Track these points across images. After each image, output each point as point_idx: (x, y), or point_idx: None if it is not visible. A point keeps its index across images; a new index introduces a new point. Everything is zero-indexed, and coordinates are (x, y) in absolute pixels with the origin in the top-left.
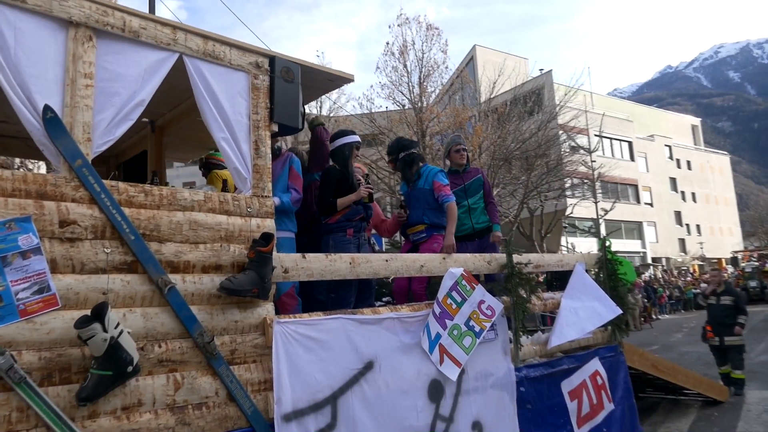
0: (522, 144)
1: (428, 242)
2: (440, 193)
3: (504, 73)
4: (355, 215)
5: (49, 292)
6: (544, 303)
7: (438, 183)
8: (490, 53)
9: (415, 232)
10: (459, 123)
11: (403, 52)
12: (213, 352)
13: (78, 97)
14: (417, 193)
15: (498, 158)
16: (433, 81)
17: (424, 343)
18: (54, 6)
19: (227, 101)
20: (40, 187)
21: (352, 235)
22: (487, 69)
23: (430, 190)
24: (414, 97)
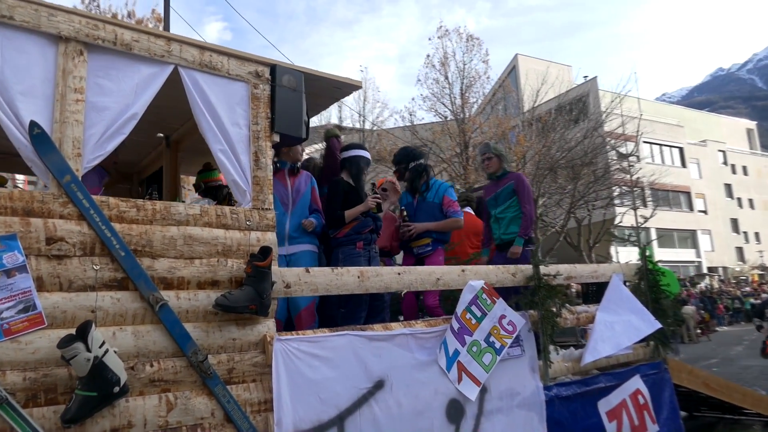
0: (567, 153)
1: (434, 256)
2: (450, 209)
3: (547, 82)
4: (364, 227)
5: (34, 310)
6: (576, 317)
7: (448, 198)
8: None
9: (420, 245)
10: (502, 133)
11: (444, 63)
12: (207, 371)
13: (68, 113)
14: (425, 205)
15: (543, 167)
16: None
17: (441, 361)
18: (42, 21)
19: (225, 112)
20: (27, 204)
21: (362, 248)
22: (530, 78)
23: (439, 204)
24: (456, 109)
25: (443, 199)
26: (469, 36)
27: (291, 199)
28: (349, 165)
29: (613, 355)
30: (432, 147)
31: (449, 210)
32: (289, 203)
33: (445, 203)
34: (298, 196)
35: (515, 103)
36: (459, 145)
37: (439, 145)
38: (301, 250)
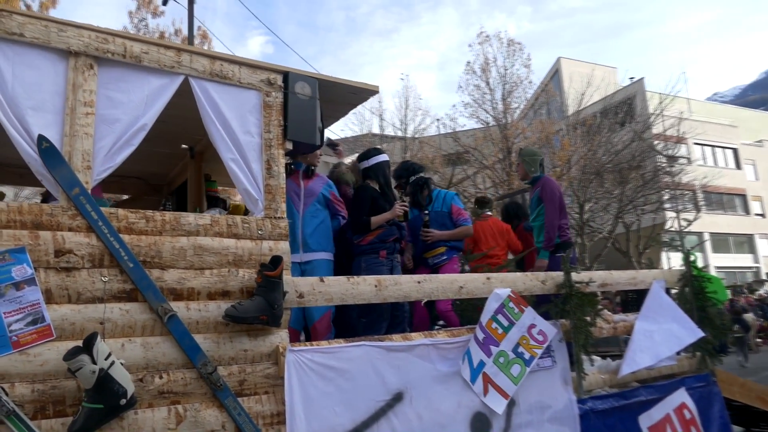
0: (614, 156)
1: (449, 264)
2: (460, 217)
3: (592, 84)
4: (389, 236)
5: (43, 323)
6: (614, 326)
7: (457, 207)
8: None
9: (434, 255)
10: (546, 137)
11: (485, 69)
12: (217, 382)
13: (77, 126)
14: (433, 215)
15: (589, 172)
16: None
17: (465, 372)
18: (52, 37)
19: (236, 121)
20: (36, 217)
21: (385, 257)
22: (574, 81)
23: (448, 213)
24: (498, 114)
25: (452, 208)
26: (510, 41)
27: (302, 202)
28: (374, 174)
29: (655, 367)
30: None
31: (459, 218)
32: (300, 206)
33: (454, 212)
34: (310, 200)
35: (559, 106)
36: (502, 151)
37: (482, 152)
38: (317, 258)
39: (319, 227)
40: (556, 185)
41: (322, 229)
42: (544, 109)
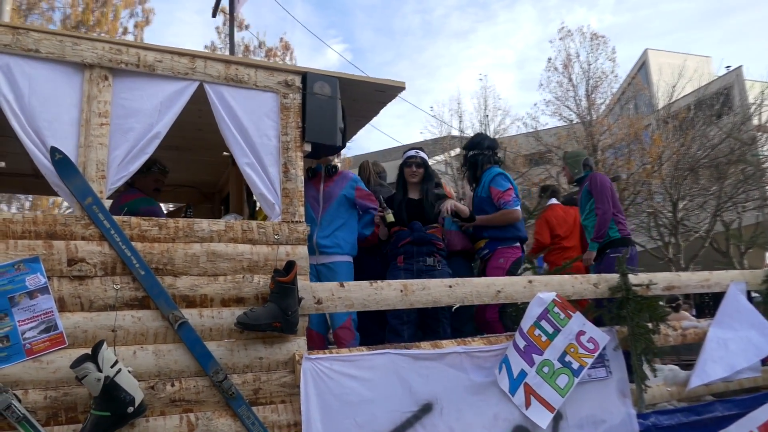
0: (710, 151)
1: (493, 258)
2: (501, 200)
3: (684, 75)
4: (399, 241)
5: (56, 330)
6: (682, 333)
7: (495, 189)
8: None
9: (478, 249)
10: (634, 133)
11: (567, 65)
12: (229, 390)
13: (92, 137)
14: (476, 201)
15: (682, 168)
16: (601, 92)
17: (503, 383)
18: (67, 51)
19: (252, 124)
20: (50, 227)
21: (403, 262)
22: (664, 73)
23: (488, 198)
24: (582, 111)
25: (490, 191)
26: (593, 35)
27: (321, 205)
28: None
29: (734, 379)
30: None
31: (500, 201)
32: (318, 209)
33: (493, 195)
34: (328, 203)
35: (647, 100)
36: (587, 149)
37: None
38: (334, 261)
39: (338, 230)
40: (604, 178)
41: (342, 231)
42: (631, 104)
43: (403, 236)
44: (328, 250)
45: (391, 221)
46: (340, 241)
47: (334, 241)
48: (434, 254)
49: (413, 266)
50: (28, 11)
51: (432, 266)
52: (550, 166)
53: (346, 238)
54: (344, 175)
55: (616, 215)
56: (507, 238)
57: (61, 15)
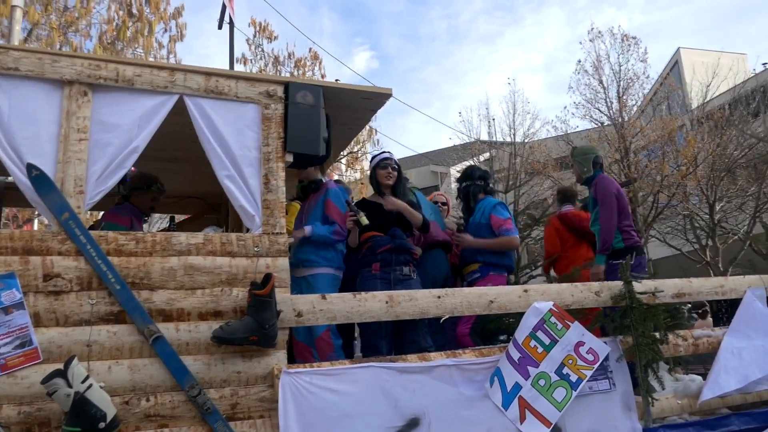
0: (748, 150)
1: (482, 283)
2: (501, 227)
3: (718, 74)
4: (377, 247)
5: (30, 346)
6: (694, 343)
7: (496, 217)
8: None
9: (468, 272)
10: (668, 135)
11: (598, 67)
12: (204, 406)
13: (70, 152)
14: (472, 228)
15: (719, 169)
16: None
17: (495, 396)
18: (46, 68)
19: (233, 136)
20: (27, 243)
21: (379, 270)
22: (697, 71)
23: (486, 224)
24: (613, 113)
25: (490, 219)
26: (624, 36)
27: (303, 220)
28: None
29: (750, 391)
30: None
31: (501, 228)
32: (301, 224)
33: (493, 223)
34: (307, 216)
35: (681, 100)
36: (618, 151)
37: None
38: (314, 273)
39: (314, 243)
40: (610, 183)
41: (319, 244)
42: (664, 105)
43: (382, 243)
44: (307, 263)
45: (365, 224)
46: (319, 254)
47: (312, 254)
48: (410, 263)
49: (390, 275)
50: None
51: (408, 275)
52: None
53: (325, 251)
54: (324, 188)
55: (622, 223)
56: (500, 265)
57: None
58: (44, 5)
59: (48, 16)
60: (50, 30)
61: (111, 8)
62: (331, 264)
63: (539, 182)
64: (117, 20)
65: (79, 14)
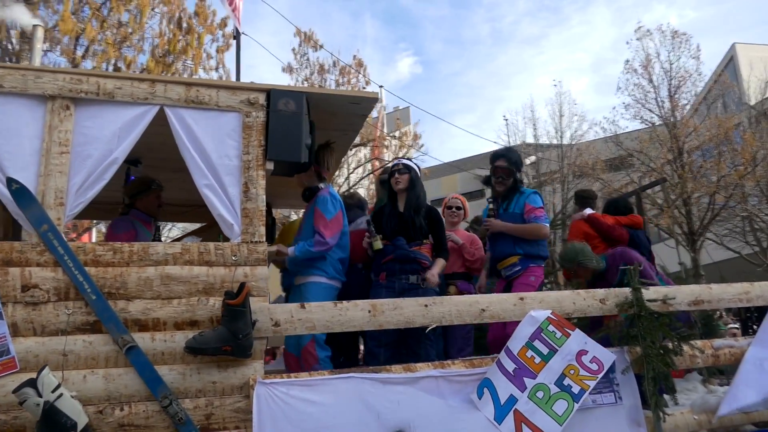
0: None
1: (524, 276)
2: (531, 215)
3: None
4: (382, 256)
5: (8, 355)
6: (713, 354)
7: (529, 205)
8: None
9: (507, 265)
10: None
11: (647, 66)
12: (176, 416)
13: (52, 165)
14: (507, 218)
15: None
16: (685, 92)
17: (487, 409)
18: (29, 84)
19: (213, 145)
20: (6, 254)
21: (385, 279)
22: (755, 67)
23: (521, 214)
24: (665, 113)
25: (524, 207)
26: (675, 32)
27: (301, 228)
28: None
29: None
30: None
31: (531, 215)
32: (300, 231)
33: (526, 210)
34: (302, 225)
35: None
36: (671, 152)
37: (648, 154)
38: (306, 281)
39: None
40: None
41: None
42: (719, 103)
43: (387, 252)
44: (300, 272)
45: (378, 248)
46: (311, 263)
47: (303, 264)
48: (418, 272)
49: (395, 284)
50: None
51: (415, 284)
52: (631, 170)
53: (316, 260)
54: (318, 196)
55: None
56: (539, 257)
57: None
58: (100, 22)
59: (104, 33)
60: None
61: (162, 22)
62: (323, 273)
63: (588, 184)
64: (168, 34)
65: (132, 29)
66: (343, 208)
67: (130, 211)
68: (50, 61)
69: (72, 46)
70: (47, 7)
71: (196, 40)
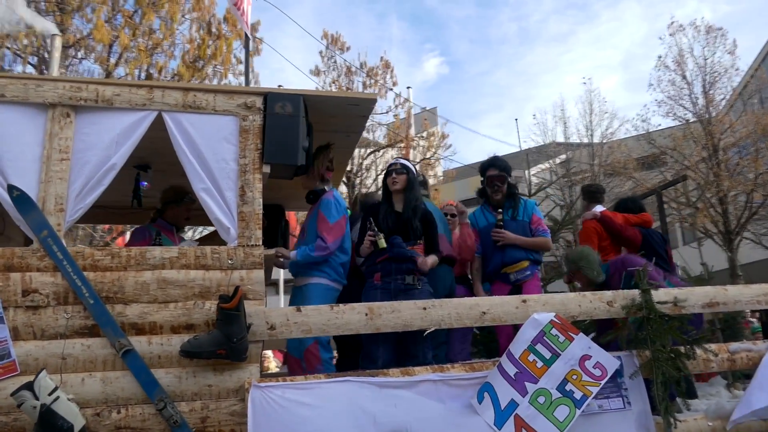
0: None
1: (534, 280)
2: (539, 228)
3: None
4: (377, 256)
5: (9, 359)
6: (729, 358)
7: (537, 216)
8: None
9: (517, 270)
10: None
11: (680, 62)
12: (171, 419)
13: (52, 172)
14: (515, 225)
15: None
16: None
17: (487, 414)
18: (30, 93)
19: (210, 149)
20: (8, 260)
21: (380, 280)
22: None
23: (528, 223)
24: (699, 109)
25: (532, 218)
26: (709, 27)
27: (305, 230)
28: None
29: None
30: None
31: (538, 229)
32: (304, 234)
33: (533, 221)
34: (306, 227)
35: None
36: (706, 149)
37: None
38: (307, 283)
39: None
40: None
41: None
42: (755, 98)
43: (381, 252)
44: (301, 273)
45: (382, 246)
46: (312, 264)
47: (305, 265)
48: (413, 272)
49: (390, 285)
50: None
51: (411, 285)
52: (664, 168)
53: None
54: (322, 199)
55: None
56: (540, 262)
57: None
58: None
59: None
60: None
61: (192, 28)
62: (325, 275)
63: (620, 183)
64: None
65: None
66: (346, 212)
67: (157, 220)
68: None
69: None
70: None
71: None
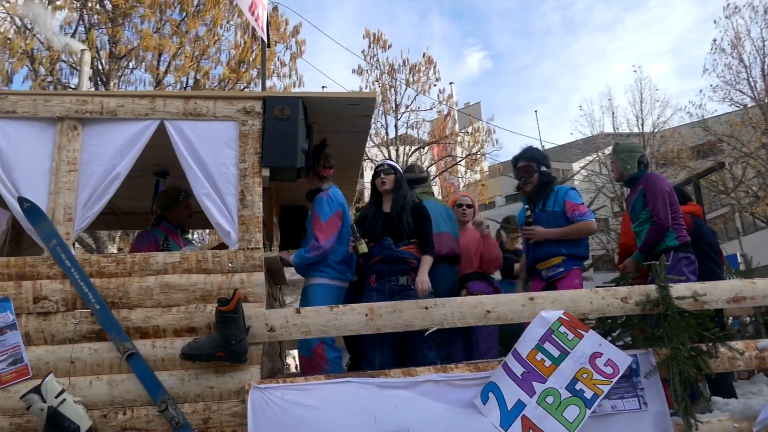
0: None
1: (568, 278)
2: (575, 212)
3: None
4: (370, 258)
5: (21, 363)
6: (758, 355)
7: (570, 202)
8: None
9: (549, 266)
10: None
11: (737, 45)
12: (173, 420)
13: (61, 183)
14: (547, 217)
15: None
16: None
17: (493, 415)
18: (39, 108)
19: (210, 155)
20: (20, 269)
21: (375, 282)
22: None
23: (561, 212)
24: (758, 93)
25: (565, 205)
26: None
27: (308, 230)
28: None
29: None
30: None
31: (575, 213)
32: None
33: (568, 208)
34: (306, 226)
35: None
36: (766, 134)
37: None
38: (310, 283)
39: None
40: (662, 180)
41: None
42: None
43: (374, 254)
44: (305, 274)
45: (363, 252)
46: (313, 265)
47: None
48: (408, 273)
49: (385, 286)
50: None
51: (405, 286)
52: (721, 156)
53: (318, 261)
54: (315, 197)
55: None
56: (581, 257)
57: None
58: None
59: (183, 47)
60: (185, 59)
61: (237, 33)
62: (325, 274)
63: (674, 173)
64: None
65: (209, 42)
66: (343, 207)
67: (161, 223)
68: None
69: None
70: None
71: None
